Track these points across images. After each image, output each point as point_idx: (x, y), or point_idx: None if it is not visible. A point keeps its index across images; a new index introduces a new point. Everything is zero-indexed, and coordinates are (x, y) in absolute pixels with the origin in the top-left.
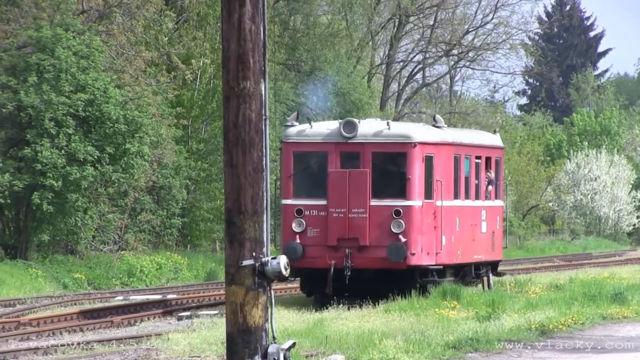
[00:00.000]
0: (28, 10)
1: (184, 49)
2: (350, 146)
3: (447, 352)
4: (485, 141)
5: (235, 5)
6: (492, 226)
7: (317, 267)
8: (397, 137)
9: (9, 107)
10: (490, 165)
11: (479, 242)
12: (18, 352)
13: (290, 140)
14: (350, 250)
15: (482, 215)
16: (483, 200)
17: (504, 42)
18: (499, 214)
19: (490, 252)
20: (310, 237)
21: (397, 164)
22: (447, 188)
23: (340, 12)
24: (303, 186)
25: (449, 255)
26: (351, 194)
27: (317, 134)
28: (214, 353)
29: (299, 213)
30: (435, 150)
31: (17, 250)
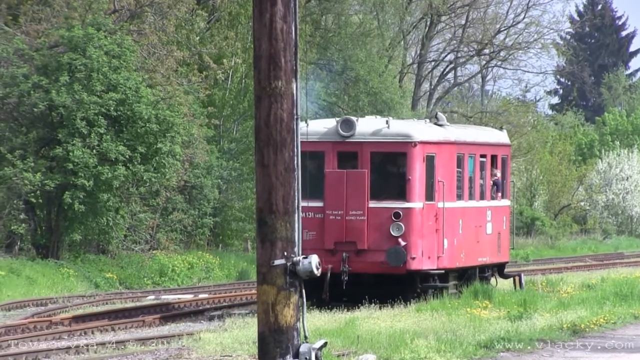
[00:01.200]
0: (60, 9)
1: (215, 48)
2: (347, 145)
3: (478, 351)
4: (490, 139)
5: (266, 4)
6: (498, 227)
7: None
8: (396, 136)
9: (40, 106)
10: (497, 163)
11: (484, 243)
12: (50, 352)
13: None
14: (348, 254)
15: (488, 216)
16: (488, 200)
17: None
18: (506, 214)
19: (496, 254)
20: (305, 240)
21: (396, 164)
22: (449, 189)
23: (371, 12)
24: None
25: (451, 259)
26: (349, 195)
27: (314, 132)
28: (245, 352)
29: None
30: (437, 150)
31: (49, 250)
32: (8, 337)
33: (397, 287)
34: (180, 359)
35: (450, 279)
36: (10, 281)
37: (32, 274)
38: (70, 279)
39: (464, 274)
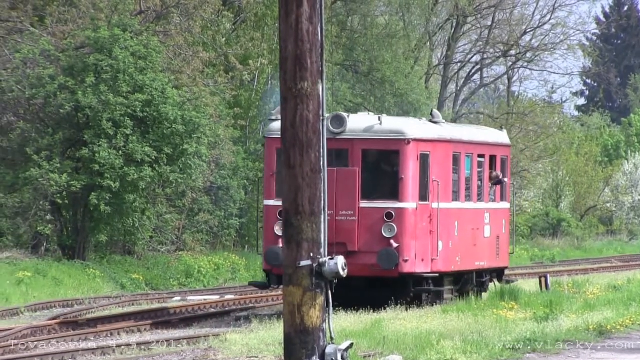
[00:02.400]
0: (86, 11)
1: (241, 49)
2: (338, 142)
3: (504, 352)
4: (489, 138)
5: (293, 6)
6: (497, 230)
7: None
8: (389, 133)
9: (66, 107)
10: (496, 164)
11: (482, 247)
12: (76, 353)
13: (273, 135)
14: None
15: (486, 219)
16: (486, 202)
17: (562, 43)
18: (505, 217)
19: (494, 259)
20: None
21: (389, 163)
22: (444, 189)
23: (397, 13)
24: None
25: (446, 262)
26: (339, 194)
27: None
28: (271, 354)
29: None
30: (432, 148)
31: (75, 251)
32: (34, 338)
33: (389, 290)
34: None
35: (446, 283)
36: (36, 282)
37: (58, 275)
38: (96, 280)
39: (460, 278)
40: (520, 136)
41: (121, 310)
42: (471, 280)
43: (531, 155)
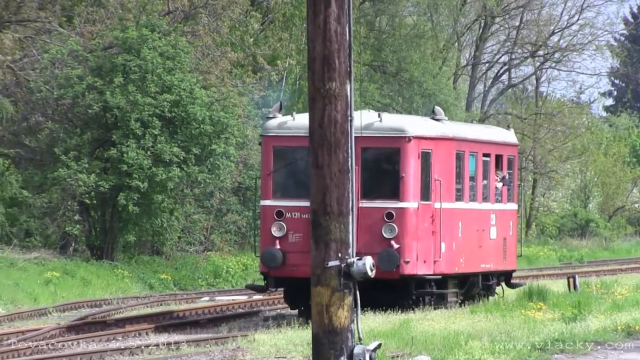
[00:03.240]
0: (114, 11)
1: (269, 49)
2: None
3: (533, 353)
4: (495, 137)
5: (321, 6)
6: (504, 232)
7: (299, 276)
8: (389, 130)
9: (95, 107)
10: (502, 164)
11: (487, 249)
12: (104, 353)
13: (270, 133)
14: None
15: (492, 220)
16: (492, 202)
17: (590, 43)
18: (513, 219)
19: (501, 261)
20: (291, 242)
21: (389, 161)
22: (447, 188)
23: (425, 13)
24: (284, 185)
25: (449, 264)
26: None
27: (300, 126)
28: (299, 354)
29: (280, 215)
30: (434, 146)
31: (103, 251)
32: (62, 338)
33: (390, 293)
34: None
35: (450, 285)
36: (64, 282)
37: (86, 275)
38: (124, 280)
39: (465, 281)
40: (549, 136)
41: (149, 311)
42: (477, 283)
43: (559, 156)
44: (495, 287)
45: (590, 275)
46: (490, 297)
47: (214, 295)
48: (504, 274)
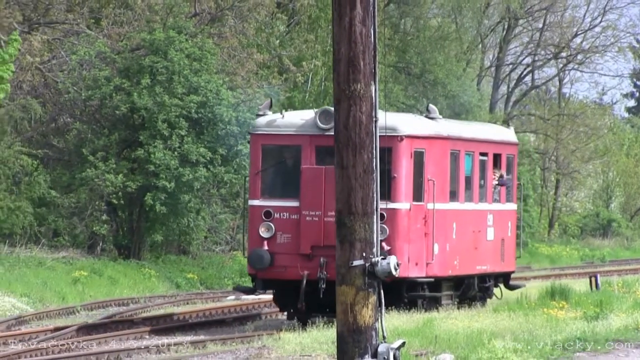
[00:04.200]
0: (141, 13)
1: (295, 51)
2: (327, 139)
3: (555, 352)
4: (493, 136)
5: (346, 8)
6: (502, 233)
7: (288, 278)
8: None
9: (122, 109)
10: (500, 163)
11: (484, 250)
12: (131, 351)
13: (258, 131)
14: (326, 259)
15: (489, 221)
16: (490, 203)
17: (612, 45)
18: (512, 219)
19: (498, 263)
20: (280, 243)
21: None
22: (441, 188)
23: (450, 15)
24: (273, 185)
25: (442, 266)
26: (327, 194)
27: (290, 124)
28: (324, 352)
29: (268, 216)
30: (427, 145)
31: (131, 251)
32: (90, 337)
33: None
34: (260, 358)
35: (444, 288)
36: (92, 281)
37: (114, 274)
38: (151, 279)
39: (460, 283)
40: (571, 137)
41: (176, 309)
42: (473, 285)
43: (582, 156)
44: (492, 289)
45: (612, 275)
46: (488, 299)
47: (240, 294)
48: (502, 276)
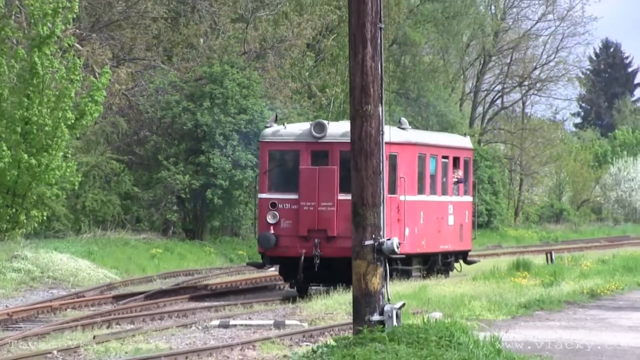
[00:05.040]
0: (203, 51)
1: (320, 80)
2: (320, 145)
3: (519, 310)
4: (452, 142)
5: (359, 48)
6: (460, 219)
7: (290, 255)
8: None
9: (188, 125)
10: (459, 164)
11: (446, 233)
12: (195, 310)
13: (266, 139)
14: (319, 240)
15: (449, 210)
16: (450, 196)
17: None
18: (468, 209)
19: (458, 243)
20: (283, 228)
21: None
22: (410, 184)
23: (439, 53)
24: (277, 182)
25: (412, 245)
26: (320, 189)
27: (290, 134)
28: (343, 311)
29: (273, 206)
30: (399, 150)
31: (195, 233)
32: (163, 299)
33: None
34: (294, 315)
35: (414, 263)
36: (165, 257)
37: (182, 252)
38: (211, 255)
39: (427, 259)
40: (532, 146)
41: (230, 278)
42: (437, 261)
43: (540, 161)
44: (453, 264)
45: (563, 252)
46: (450, 272)
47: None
48: (462, 253)
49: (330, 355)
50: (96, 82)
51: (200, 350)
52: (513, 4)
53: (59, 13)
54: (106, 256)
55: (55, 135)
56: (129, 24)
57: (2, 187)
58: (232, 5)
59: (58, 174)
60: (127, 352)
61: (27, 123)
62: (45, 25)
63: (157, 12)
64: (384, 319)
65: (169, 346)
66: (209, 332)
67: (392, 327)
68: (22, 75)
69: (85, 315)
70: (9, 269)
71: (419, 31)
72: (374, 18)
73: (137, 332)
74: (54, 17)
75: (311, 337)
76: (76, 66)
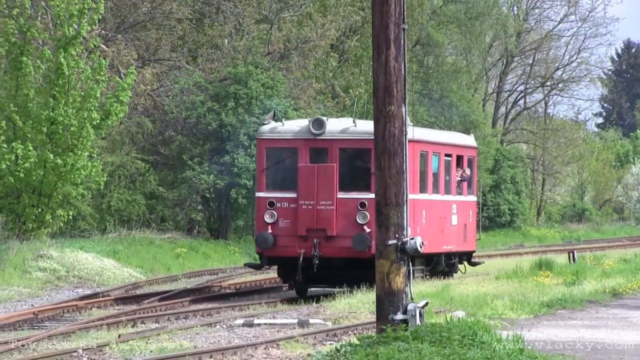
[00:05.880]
0: (227, 52)
1: (344, 81)
2: (318, 142)
3: (542, 309)
4: (456, 141)
5: (383, 48)
6: (464, 219)
7: (288, 255)
8: (362, 134)
9: (213, 125)
10: (463, 163)
11: (449, 233)
12: (219, 309)
13: (263, 137)
14: (319, 240)
15: (453, 209)
16: (454, 195)
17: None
18: (472, 209)
19: (461, 243)
20: (281, 227)
21: (362, 159)
22: (412, 182)
23: (461, 54)
24: (275, 180)
25: None
26: (319, 187)
27: (288, 131)
28: (367, 310)
29: (271, 205)
30: None
31: (220, 233)
32: (187, 298)
33: (364, 270)
34: (318, 314)
35: (417, 263)
36: (190, 256)
37: (206, 251)
38: (235, 255)
39: (430, 260)
40: (554, 146)
41: (254, 277)
42: (440, 261)
43: (562, 161)
44: (457, 265)
45: (585, 251)
46: (454, 273)
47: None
48: (466, 254)
49: (353, 354)
50: (121, 83)
51: (225, 349)
52: (535, 5)
53: (84, 14)
54: (131, 255)
55: (81, 135)
56: (154, 25)
57: (28, 186)
58: (256, 6)
59: (83, 173)
60: (151, 351)
61: (53, 123)
62: (71, 26)
63: (182, 13)
64: (407, 318)
65: (193, 345)
66: (233, 331)
67: (415, 326)
68: (48, 75)
69: (110, 314)
70: (34, 268)
71: (442, 32)
72: (397, 19)
73: (162, 331)
74: (80, 18)
75: (335, 336)
76: (102, 67)
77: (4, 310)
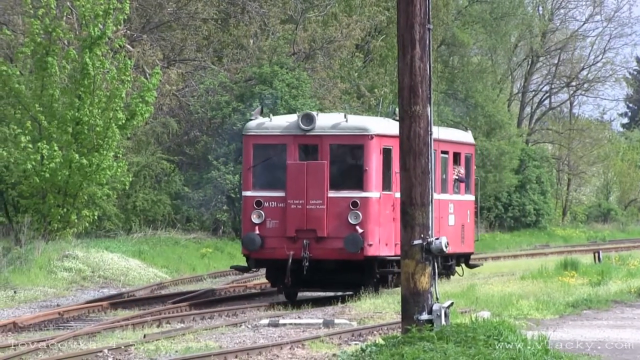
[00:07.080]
0: (253, 52)
1: (369, 81)
2: (308, 138)
3: (567, 309)
4: (453, 137)
5: (408, 48)
6: (462, 219)
7: (277, 257)
8: (354, 129)
9: (238, 125)
10: (460, 160)
11: (446, 234)
12: (245, 309)
13: (250, 132)
14: (309, 241)
15: (450, 209)
16: (451, 194)
17: (610, 77)
18: (470, 208)
19: (459, 245)
20: (269, 228)
21: (354, 156)
22: None
23: (487, 54)
24: (262, 178)
25: None
26: (309, 185)
27: (277, 126)
28: (392, 310)
29: (259, 205)
30: (394, 143)
31: None
32: (214, 298)
33: (356, 272)
34: (343, 314)
35: None
36: (215, 256)
37: (232, 251)
38: None
39: None
40: (579, 146)
41: None
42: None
43: (587, 161)
44: (454, 267)
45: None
46: (451, 276)
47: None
48: (463, 256)
49: (378, 354)
50: (147, 83)
51: (250, 349)
52: (561, 5)
53: (110, 14)
54: (156, 256)
55: (106, 136)
56: (179, 25)
57: (54, 187)
58: (281, 6)
59: (109, 173)
60: (177, 351)
61: (78, 123)
62: (97, 27)
63: (207, 13)
64: (433, 318)
65: (218, 345)
66: (259, 331)
67: (440, 326)
68: (74, 76)
69: (136, 315)
70: (60, 268)
71: (467, 32)
72: (423, 19)
73: (187, 331)
74: (105, 18)
75: (360, 336)
76: (127, 67)
77: (30, 310)
